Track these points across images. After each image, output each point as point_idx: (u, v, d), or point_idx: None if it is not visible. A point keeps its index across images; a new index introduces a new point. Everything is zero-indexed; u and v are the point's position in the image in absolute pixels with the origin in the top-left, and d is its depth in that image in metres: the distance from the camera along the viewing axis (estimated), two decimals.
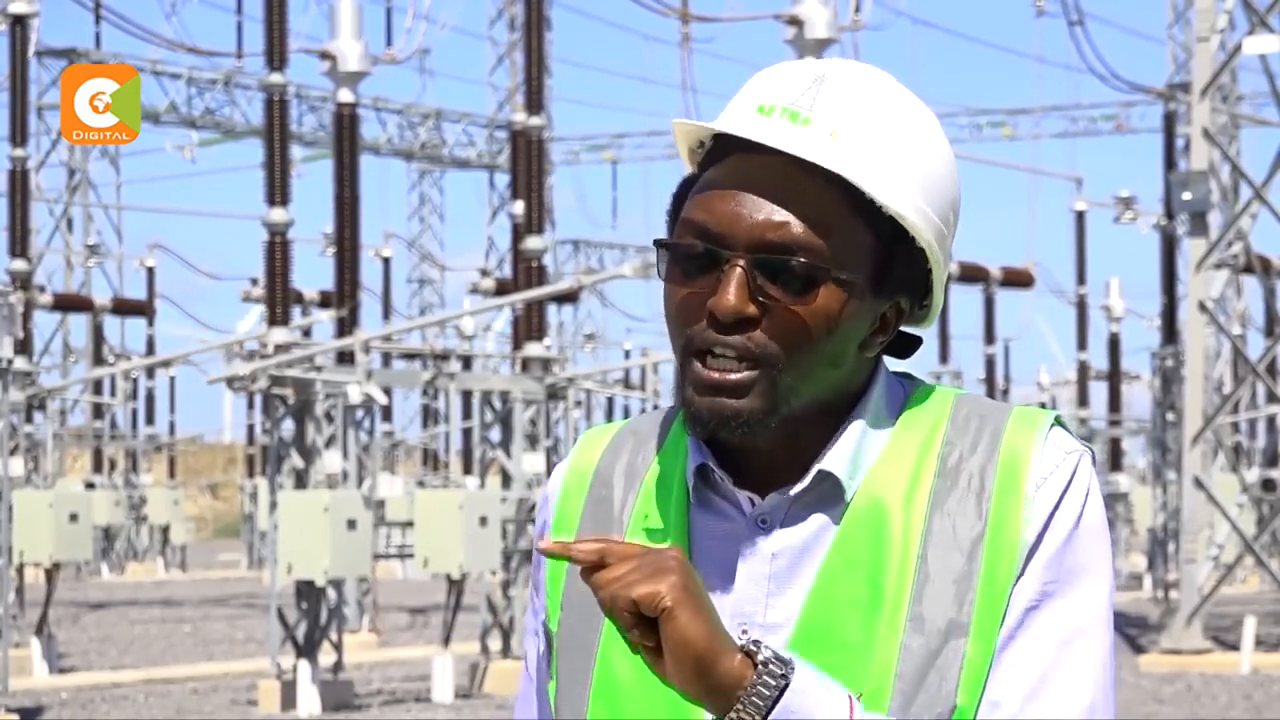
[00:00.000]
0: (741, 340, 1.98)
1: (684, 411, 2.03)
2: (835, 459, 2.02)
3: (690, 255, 2.00)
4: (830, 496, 2.03)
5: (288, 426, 18.70)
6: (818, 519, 2.03)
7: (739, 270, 1.97)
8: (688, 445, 2.08)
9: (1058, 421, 2.07)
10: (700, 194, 2.02)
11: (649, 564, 1.87)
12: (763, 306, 1.97)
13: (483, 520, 18.58)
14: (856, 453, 2.03)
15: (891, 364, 2.13)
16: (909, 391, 2.09)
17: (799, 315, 1.98)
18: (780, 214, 1.98)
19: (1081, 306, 37.67)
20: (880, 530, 2.01)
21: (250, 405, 45.89)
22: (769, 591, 2.02)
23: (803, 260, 1.97)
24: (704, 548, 2.06)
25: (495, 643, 19.76)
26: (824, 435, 2.04)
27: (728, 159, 2.02)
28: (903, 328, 2.08)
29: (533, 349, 20.30)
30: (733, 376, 1.98)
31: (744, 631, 2.01)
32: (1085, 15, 30.05)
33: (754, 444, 2.02)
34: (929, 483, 2.02)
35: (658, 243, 2.04)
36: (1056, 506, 2.01)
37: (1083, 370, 38.59)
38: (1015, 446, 2.03)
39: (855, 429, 2.04)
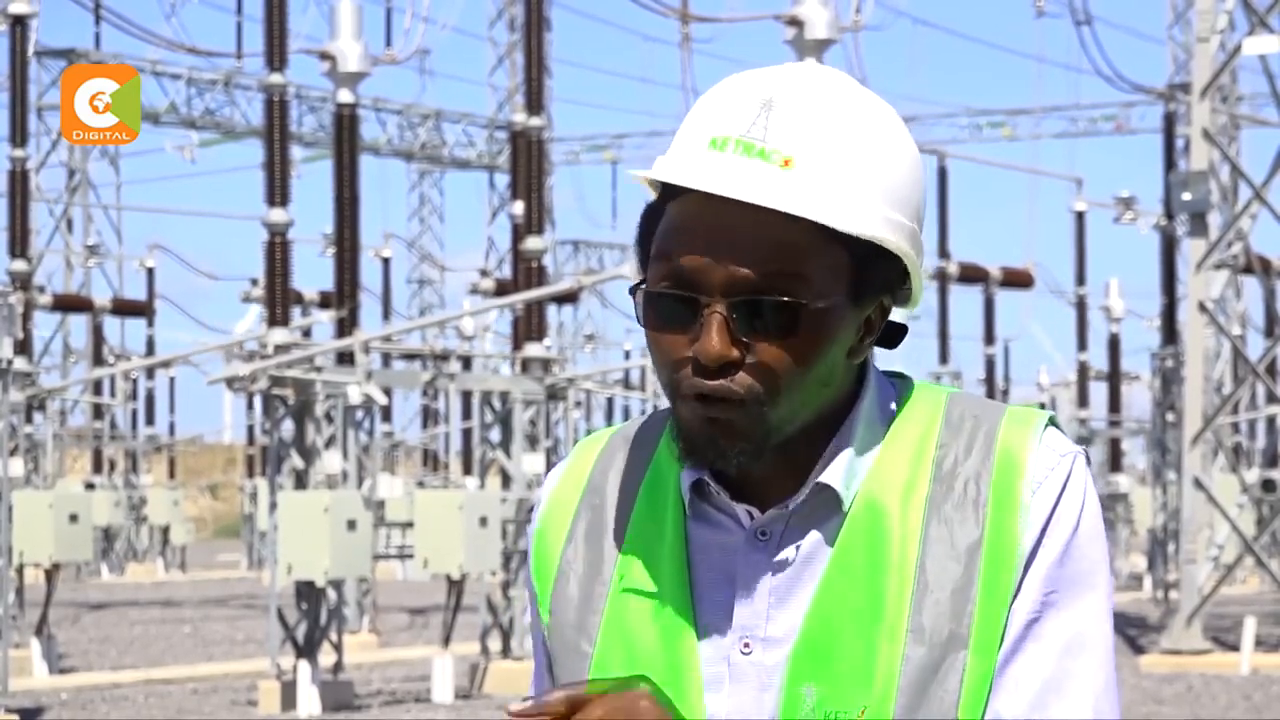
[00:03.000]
0: (727, 383, 1.97)
1: (677, 447, 2.02)
2: (832, 471, 2.02)
3: (665, 299, 1.99)
4: (828, 507, 2.03)
5: (288, 427, 18.70)
6: (817, 531, 2.03)
7: (718, 316, 1.96)
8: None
9: (1052, 422, 2.06)
10: (671, 234, 2.00)
11: (621, 711, 1.88)
12: (746, 346, 1.97)
13: (483, 521, 18.57)
14: (852, 461, 2.03)
15: (883, 358, 2.12)
16: (900, 391, 2.09)
17: (783, 352, 1.97)
18: (752, 255, 1.96)
19: (1081, 307, 37.65)
20: (878, 539, 2.01)
21: (250, 406, 45.88)
22: (770, 605, 2.02)
23: (781, 299, 1.96)
24: (702, 560, 2.06)
25: (495, 643, 19.76)
26: (818, 445, 2.04)
27: (691, 194, 1.99)
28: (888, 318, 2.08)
29: (533, 349, 20.30)
30: (723, 417, 1.97)
31: (745, 645, 2.02)
32: (1091, 16, 29.96)
33: (749, 469, 2.02)
34: (924, 487, 2.02)
35: (633, 290, 2.02)
36: (1053, 513, 2.01)
37: (1083, 371, 38.58)
38: (1010, 449, 2.03)
39: (849, 438, 2.03)
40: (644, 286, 2.01)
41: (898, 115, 2.05)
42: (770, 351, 1.97)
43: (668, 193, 2.03)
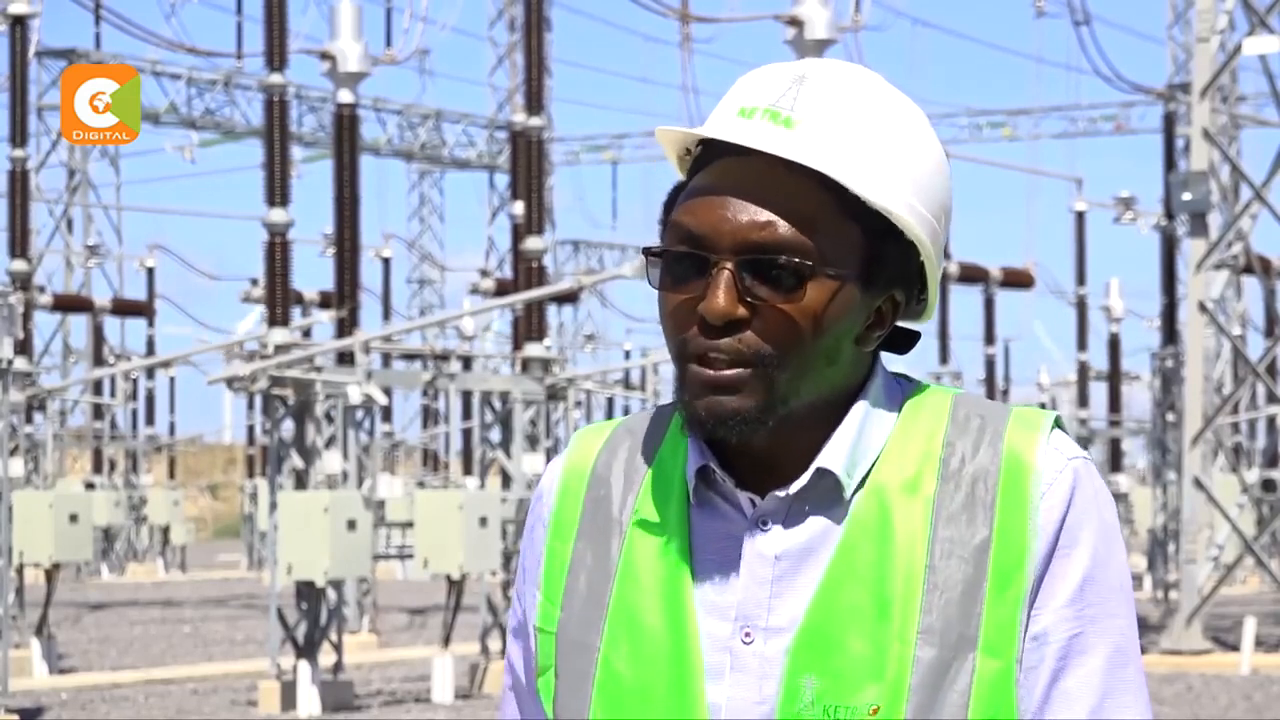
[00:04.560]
0: (733, 342, 1.98)
1: (682, 413, 2.03)
2: (832, 456, 2.03)
3: (678, 260, 2.01)
4: (830, 494, 2.03)
5: (288, 427, 18.70)
6: (819, 520, 2.03)
7: (726, 273, 1.98)
8: (687, 446, 2.08)
9: (1058, 423, 2.07)
10: (686, 200, 2.03)
11: None
12: (752, 307, 1.98)
13: (483, 521, 18.57)
14: (854, 449, 2.03)
15: (890, 361, 2.13)
16: (907, 390, 2.09)
17: (788, 314, 1.98)
18: (764, 214, 1.98)
19: (1081, 307, 37.65)
20: (884, 535, 2.01)
21: (250, 406, 45.87)
22: (772, 594, 2.02)
23: (789, 259, 1.98)
24: (705, 548, 2.06)
25: (495, 643, 19.76)
26: (822, 433, 2.04)
27: (713, 164, 2.03)
28: (900, 322, 2.08)
29: (533, 349, 20.30)
30: (728, 373, 1.98)
31: (746, 634, 2.02)
32: (1090, 16, 29.96)
33: (752, 442, 2.02)
34: (931, 485, 2.02)
35: (646, 251, 2.05)
36: (1065, 518, 2.01)
37: (1083, 371, 38.58)
38: (1018, 451, 2.03)
39: (852, 425, 2.04)
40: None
41: (927, 119, 2.08)
42: (776, 313, 1.98)
43: (694, 171, 2.06)
